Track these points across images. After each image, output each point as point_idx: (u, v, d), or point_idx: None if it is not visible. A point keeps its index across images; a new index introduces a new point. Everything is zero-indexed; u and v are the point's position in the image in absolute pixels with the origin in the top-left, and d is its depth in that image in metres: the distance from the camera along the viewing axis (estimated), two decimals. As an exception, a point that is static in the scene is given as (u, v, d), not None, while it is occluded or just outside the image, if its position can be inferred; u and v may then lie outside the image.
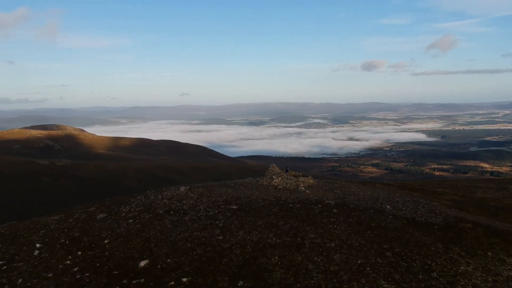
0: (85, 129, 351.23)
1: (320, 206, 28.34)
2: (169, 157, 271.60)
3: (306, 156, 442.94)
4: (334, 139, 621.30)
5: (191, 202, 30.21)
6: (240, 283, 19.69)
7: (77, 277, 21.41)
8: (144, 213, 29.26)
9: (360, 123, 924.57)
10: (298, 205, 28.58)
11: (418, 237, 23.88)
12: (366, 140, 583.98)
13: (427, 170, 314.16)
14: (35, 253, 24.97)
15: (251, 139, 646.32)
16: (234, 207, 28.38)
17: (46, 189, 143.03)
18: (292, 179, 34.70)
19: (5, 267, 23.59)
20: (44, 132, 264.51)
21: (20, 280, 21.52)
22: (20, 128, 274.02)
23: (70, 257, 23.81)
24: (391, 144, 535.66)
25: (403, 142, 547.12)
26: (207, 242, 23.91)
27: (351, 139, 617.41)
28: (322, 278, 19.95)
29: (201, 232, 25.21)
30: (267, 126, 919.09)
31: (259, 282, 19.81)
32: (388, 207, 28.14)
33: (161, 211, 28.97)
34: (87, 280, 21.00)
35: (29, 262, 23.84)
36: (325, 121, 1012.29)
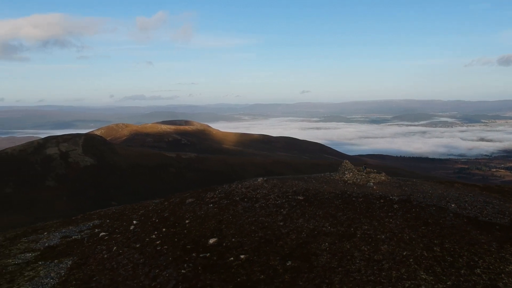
0: (210, 125, 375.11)
1: (382, 201, 29.42)
2: (286, 153, 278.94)
3: (430, 156, 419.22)
4: (462, 139, 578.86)
5: (264, 191, 33.35)
6: (289, 263, 22.24)
7: (158, 248, 25.80)
8: (223, 199, 33.15)
9: (493, 122, 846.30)
10: (361, 199, 29.99)
11: (474, 236, 23.98)
12: (500, 141, 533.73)
13: None
14: (131, 228, 30.19)
15: (371, 138, 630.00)
16: (301, 197, 30.80)
17: (173, 179, 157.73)
18: (363, 175, 35.82)
19: (107, 237, 29.09)
20: (172, 127, 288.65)
21: (114, 248, 26.60)
22: (152, 123, 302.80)
23: (156, 232, 28.48)
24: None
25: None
26: (269, 227, 26.79)
27: (482, 139, 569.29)
28: (364, 265, 21.58)
29: (266, 217, 28.18)
30: (388, 124, 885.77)
31: (305, 263, 22.16)
32: (453, 205, 28.18)
33: (237, 198, 32.59)
34: (165, 251, 25.25)
35: (125, 234, 29.05)
36: (453, 119, 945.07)
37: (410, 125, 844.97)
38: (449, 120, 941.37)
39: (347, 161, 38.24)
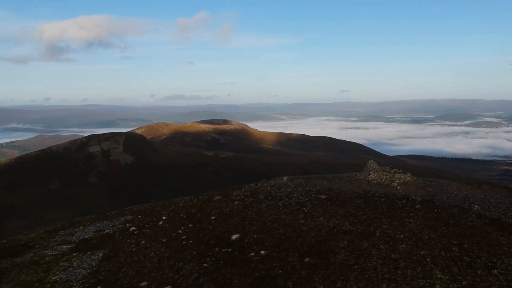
0: (248, 124, 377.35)
1: (404, 201, 29.53)
2: (323, 153, 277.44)
3: (473, 157, 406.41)
4: (508, 139, 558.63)
5: (288, 190, 34.09)
6: (306, 259, 22.91)
7: (183, 243, 27.03)
8: (248, 197, 34.12)
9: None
10: (383, 199, 30.19)
11: (495, 237, 23.86)
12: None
13: None
14: (160, 223, 31.62)
15: (412, 138, 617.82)
16: (323, 196, 31.33)
17: (210, 177, 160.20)
18: (388, 175, 35.85)
19: (136, 231, 30.63)
20: (211, 126, 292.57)
21: (143, 242, 28.05)
22: (192, 122, 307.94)
23: (182, 228, 29.76)
24: None
25: None
26: (290, 224, 27.52)
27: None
28: (380, 263, 21.97)
29: (288, 215, 28.92)
30: (430, 124, 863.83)
31: (323, 260, 22.76)
32: (476, 206, 27.98)
33: (261, 196, 33.47)
34: (190, 246, 26.43)
35: (154, 229, 30.50)
36: (499, 119, 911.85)
37: (453, 125, 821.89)
38: (494, 120, 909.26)
39: (372, 161, 38.41)
